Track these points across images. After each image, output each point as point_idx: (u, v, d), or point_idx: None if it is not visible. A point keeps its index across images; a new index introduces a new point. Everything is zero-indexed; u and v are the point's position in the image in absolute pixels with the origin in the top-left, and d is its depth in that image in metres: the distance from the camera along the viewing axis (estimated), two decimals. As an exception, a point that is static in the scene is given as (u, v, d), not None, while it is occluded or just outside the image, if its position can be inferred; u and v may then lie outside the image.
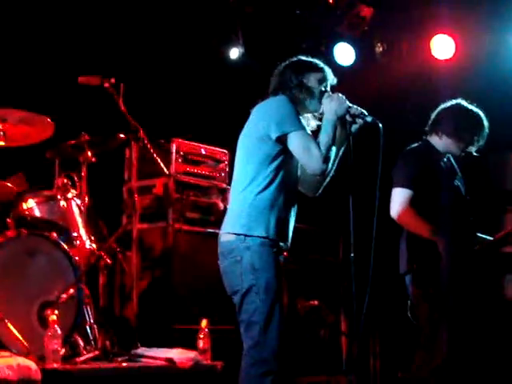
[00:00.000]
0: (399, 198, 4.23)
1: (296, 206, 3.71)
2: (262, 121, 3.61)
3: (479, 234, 4.47)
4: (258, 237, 3.53)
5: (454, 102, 4.44)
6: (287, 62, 3.80)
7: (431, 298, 4.17)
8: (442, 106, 4.45)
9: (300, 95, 3.70)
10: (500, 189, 7.09)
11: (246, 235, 3.54)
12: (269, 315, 3.52)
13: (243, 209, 3.59)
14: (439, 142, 4.38)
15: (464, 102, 4.42)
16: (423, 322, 4.22)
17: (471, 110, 4.38)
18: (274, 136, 3.56)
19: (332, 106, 3.63)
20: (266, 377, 3.48)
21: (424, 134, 4.46)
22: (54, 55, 5.69)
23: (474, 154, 4.43)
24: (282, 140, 3.57)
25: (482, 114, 4.39)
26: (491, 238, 4.50)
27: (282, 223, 3.61)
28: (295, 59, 3.81)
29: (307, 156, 3.57)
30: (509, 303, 6.52)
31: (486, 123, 4.37)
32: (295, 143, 3.57)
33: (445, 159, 4.40)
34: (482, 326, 4.39)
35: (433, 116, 4.45)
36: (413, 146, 4.43)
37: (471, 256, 4.29)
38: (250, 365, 3.51)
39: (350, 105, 3.65)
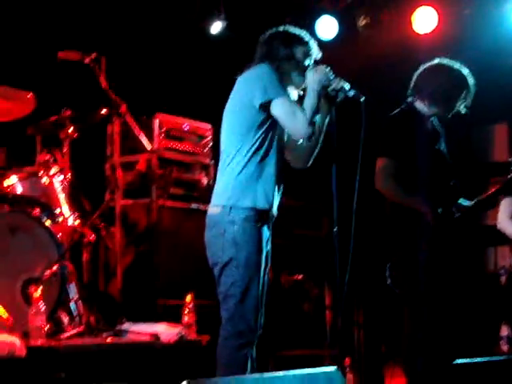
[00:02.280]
0: (384, 170, 4.21)
1: (283, 176, 3.72)
2: (245, 90, 3.62)
3: (461, 202, 4.41)
4: (245, 208, 3.55)
5: (435, 61, 4.33)
6: (274, 31, 3.79)
7: (419, 268, 4.17)
8: (423, 66, 4.35)
9: (287, 67, 3.71)
10: (483, 162, 7.13)
11: (231, 207, 3.55)
12: (245, 289, 3.55)
13: (230, 180, 3.60)
14: (422, 105, 4.31)
15: (445, 61, 4.32)
16: (408, 292, 4.23)
17: (453, 69, 4.29)
18: (257, 103, 3.57)
19: (316, 76, 3.63)
20: (241, 349, 3.53)
21: (407, 97, 4.38)
22: (34, 30, 5.63)
23: (463, 111, 4.34)
24: (265, 107, 3.58)
25: (465, 71, 4.29)
26: (471, 203, 4.46)
27: (269, 192, 3.62)
28: (283, 29, 3.80)
29: (292, 120, 3.58)
30: (488, 275, 6.58)
31: (470, 80, 4.28)
32: (279, 109, 3.57)
33: (428, 123, 4.33)
34: (463, 298, 4.41)
35: (414, 77, 4.36)
36: (396, 111, 4.34)
37: (451, 223, 4.28)
38: (225, 337, 3.55)
39: (334, 77, 3.65)
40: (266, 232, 3.67)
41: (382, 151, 4.23)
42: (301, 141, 3.72)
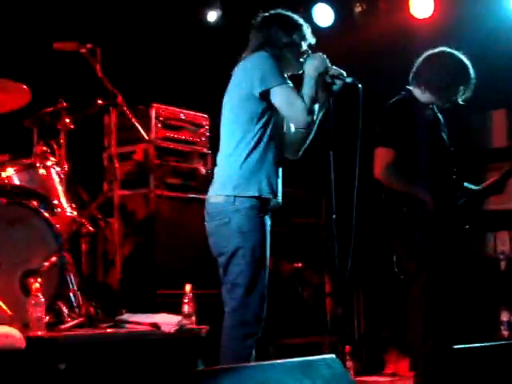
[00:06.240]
0: (382, 159, 4.19)
1: (282, 162, 3.72)
2: (244, 79, 3.60)
3: (466, 185, 4.42)
4: (250, 197, 3.54)
5: (437, 50, 4.31)
6: (268, 16, 3.76)
7: (419, 254, 4.17)
8: (426, 53, 4.33)
9: (289, 54, 3.69)
10: (482, 148, 7.12)
11: (236, 196, 3.54)
12: (253, 278, 3.54)
13: (234, 170, 3.59)
14: (422, 94, 4.29)
15: (448, 50, 4.29)
16: (411, 278, 4.22)
17: (453, 59, 4.27)
18: (257, 92, 3.56)
19: (314, 63, 3.62)
20: (247, 338, 3.54)
21: (407, 84, 4.36)
22: (29, 21, 5.61)
23: (460, 102, 4.32)
24: (265, 96, 3.57)
25: (467, 62, 4.27)
26: (477, 188, 4.46)
27: (272, 180, 3.62)
28: (276, 13, 3.77)
29: (292, 109, 3.58)
30: (488, 260, 6.59)
31: (471, 72, 4.26)
32: (279, 97, 3.56)
33: (428, 111, 4.32)
34: (462, 283, 4.42)
35: (416, 64, 4.34)
36: (395, 99, 4.33)
37: (454, 210, 4.28)
38: (232, 326, 3.55)
39: (330, 65, 3.64)
40: (268, 222, 3.66)
41: (381, 140, 4.20)
42: (299, 129, 3.71)
